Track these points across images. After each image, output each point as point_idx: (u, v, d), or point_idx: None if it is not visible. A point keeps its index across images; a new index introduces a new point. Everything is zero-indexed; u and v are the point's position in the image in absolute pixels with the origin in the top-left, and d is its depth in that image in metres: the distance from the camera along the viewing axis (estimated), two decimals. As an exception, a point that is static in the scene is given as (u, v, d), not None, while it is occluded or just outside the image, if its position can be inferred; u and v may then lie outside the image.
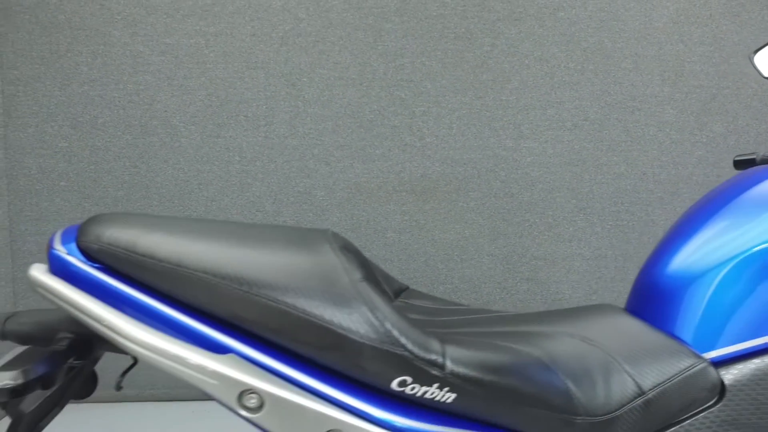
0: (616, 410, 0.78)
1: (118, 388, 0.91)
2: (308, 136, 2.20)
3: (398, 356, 0.70)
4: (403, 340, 0.71)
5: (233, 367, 0.69)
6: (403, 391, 0.71)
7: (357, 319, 0.70)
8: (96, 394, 1.01)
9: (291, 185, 2.15)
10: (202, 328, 0.71)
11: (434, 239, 2.22)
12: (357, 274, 0.73)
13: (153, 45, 2.13)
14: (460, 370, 0.73)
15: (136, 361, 0.92)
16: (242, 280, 0.70)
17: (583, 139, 2.42)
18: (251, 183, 2.16)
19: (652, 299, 0.92)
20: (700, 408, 0.82)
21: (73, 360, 0.85)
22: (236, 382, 0.69)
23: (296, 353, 0.71)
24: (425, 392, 0.72)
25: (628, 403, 0.79)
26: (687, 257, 0.90)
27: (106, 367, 0.97)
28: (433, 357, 0.72)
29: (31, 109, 2.26)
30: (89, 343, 0.83)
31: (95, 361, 0.98)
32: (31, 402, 0.88)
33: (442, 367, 0.72)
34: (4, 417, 0.89)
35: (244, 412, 0.70)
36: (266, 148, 2.17)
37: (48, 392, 0.89)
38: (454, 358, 0.73)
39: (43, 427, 0.94)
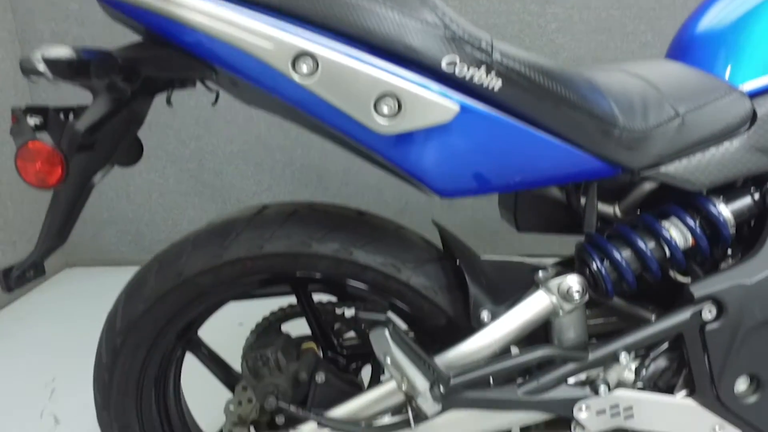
0: (652, 128, 0.83)
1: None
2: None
3: (446, 33, 0.72)
4: (449, 22, 0.72)
5: (289, 31, 0.68)
6: (453, 73, 0.72)
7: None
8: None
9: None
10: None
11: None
12: None
13: None
14: (507, 61, 0.74)
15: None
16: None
17: (611, 6, 2.35)
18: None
19: (691, 46, 1.00)
20: (732, 133, 0.86)
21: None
22: (291, 46, 0.68)
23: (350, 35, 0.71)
24: (473, 75, 0.72)
25: (664, 123, 0.84)
26: (725, 6, 0.98)
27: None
28: (480, 42, 0.73)
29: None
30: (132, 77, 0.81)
31: (140, 121, 0.97)
32: (79, 162, 0.88)
33: (488, 53, 0.73)
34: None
35: (297, 77, 0.69)
36: None
37: (95, 152, 0.89)
38: (502, 51, 0.75)
39: (91, 187, 0.94)
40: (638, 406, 0.92)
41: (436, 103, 0.71)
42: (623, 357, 0.90)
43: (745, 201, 0.89)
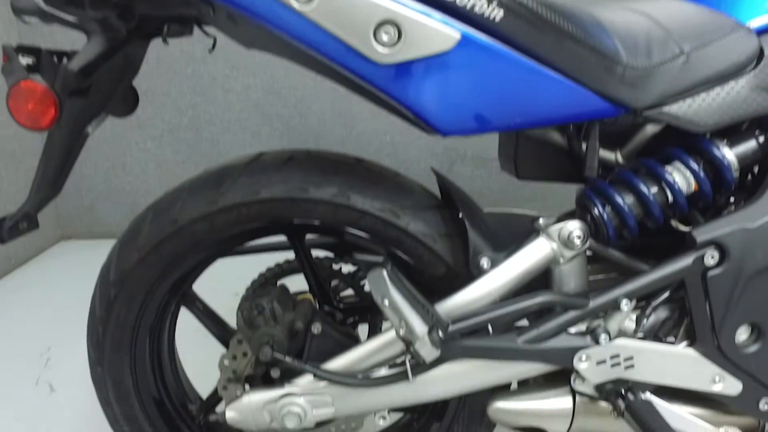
0: (656, 66, 0.81)
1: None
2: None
3: None
4: None
5: None
6: (454, 1, 0.70)
7: None
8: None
9: None
10: None
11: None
12: None
13: None
14: None
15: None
16: None
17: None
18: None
19: None
20: (739, 72, 0.84)
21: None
22: None
23: None
24: (474, 4, 0.71)
25: (668, 61, 0.81)
26: None
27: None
28: None
29: None
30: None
31: (135, 68, 0.95)
32: (74, 107, 0.85)
33: None
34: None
35: (295, 4, 0.67)
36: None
37: (89, 98, 0.87)
38: None
39: (86, 136, 0.92)
40: (639, 356, 0.91)
41: (437, 31, 0.69)
42: (624, 304, 0.88)
43: (750, 144, 0.88)
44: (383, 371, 0.95)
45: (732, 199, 0.92)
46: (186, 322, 1.11)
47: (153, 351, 1.05)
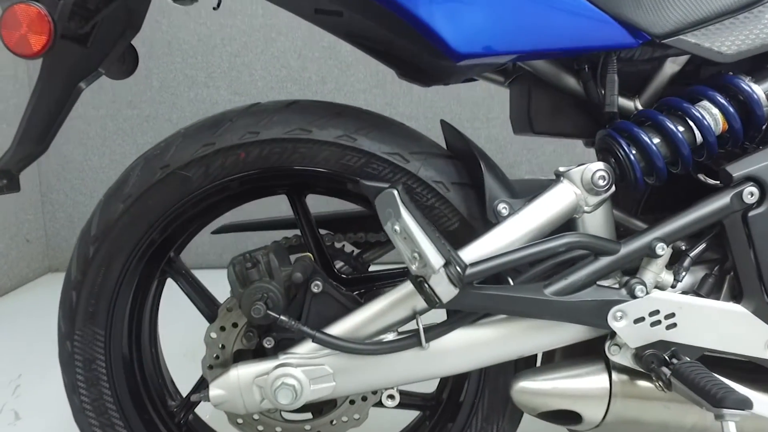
0: None
1: None
2: None
3: None
4: None
5: None
6: None
7: None
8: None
9: (315, 40, 2.11)
10: None
11: (460, 97, 2.16)
12: None
13: None
14: None
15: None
16: None
17: None
18: (275, 38, 2.13)
19: None
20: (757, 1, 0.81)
21: None
22: None
23: None
24: None
25: None
26: None
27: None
28: None
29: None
30: None
31: (135, 25, 0.92)
32: (71, 55, 0.83)
33: None
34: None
35: None
36: (291, 2, 2.14)
37: (88, 48, 0.84)
38: None
39: (79, 91, 0.88)
40: (681, 313, 0.81)
41: None
42: (660, 248, 0.79)
43: (778, 79, 0.83)
44: (390, 337, 0.83)
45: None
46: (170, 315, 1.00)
47: (132, 330, 0.94)
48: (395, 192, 0.73)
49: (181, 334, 1.34)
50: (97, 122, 2.19)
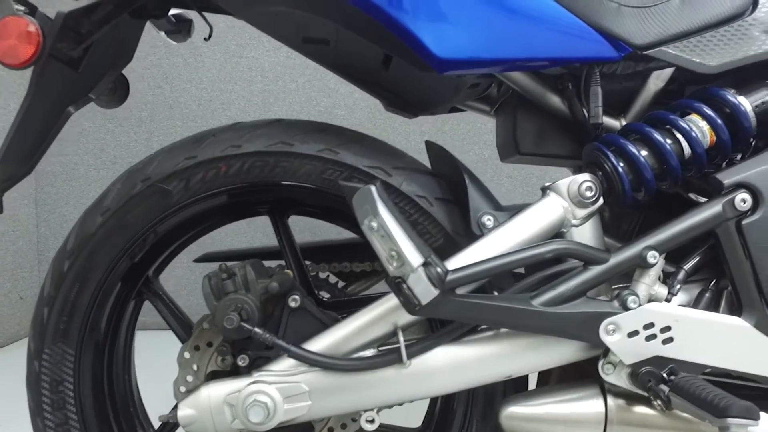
0: (651, 5, 0.80)
1: None
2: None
3: None
4: None
5: None
6: None
7: None
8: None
9: (312, 104, 2.17)
10: None
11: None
12: None
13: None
14: None
15: None
16: None
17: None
18: (273, 102, 2.19)
19: None
20: (735, 15, 0.82)
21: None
22: None
23: None
24: None
25: (664, 1, 0.80)
26: None
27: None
28: None
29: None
30: None
31: (128, 54, 0.95)
32: (62, 77, 0.85)
33: None
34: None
35: None
36: (288, 68, 2.20)
37: (79, 73, 0.86)
38: None
39: (68, 116, 0.89)
40: (677, 326, 0.77)
41: None
42: (651, 256, 0.76)
43: (762, 92, 0.83)
44: (368, 353, 0.79)
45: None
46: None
47: (104, 352, 0.89)
48: (373, 188, 0.72)
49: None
50: (97, 183, 2.22)
